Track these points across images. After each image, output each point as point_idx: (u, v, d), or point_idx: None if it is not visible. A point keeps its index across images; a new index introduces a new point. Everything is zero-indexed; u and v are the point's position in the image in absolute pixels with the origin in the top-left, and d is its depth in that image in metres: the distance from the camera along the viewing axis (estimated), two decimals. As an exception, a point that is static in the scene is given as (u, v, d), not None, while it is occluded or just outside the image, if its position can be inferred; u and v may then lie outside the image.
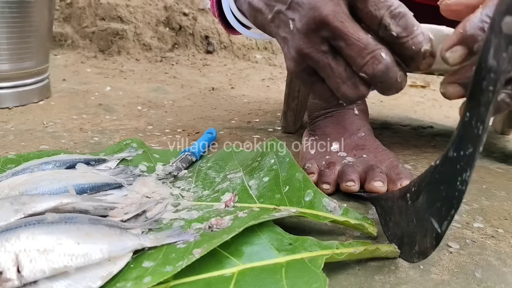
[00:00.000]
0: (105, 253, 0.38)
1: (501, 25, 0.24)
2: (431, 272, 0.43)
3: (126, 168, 0.62)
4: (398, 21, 0.34)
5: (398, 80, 0.36)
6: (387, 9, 0.34)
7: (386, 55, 0.35)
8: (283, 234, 0.44)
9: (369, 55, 0.35)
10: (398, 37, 0.34)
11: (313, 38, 0.37)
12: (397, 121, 1.19)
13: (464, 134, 0.30)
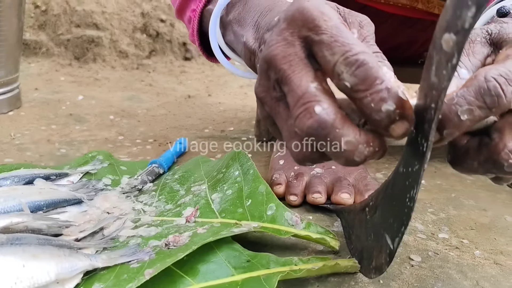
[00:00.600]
0: (52, 276, 0.37)
1: (441, 42, 0.24)
2: (391, 286, 0.42)
3: (88, 182, 0.60)
4: (354, 70, 0.27)
5: (343, 146, 0.27)
6: (342, 54, 0.27)
7: (323, 110, 0.27)
8: (241, 251, 0.43)
9: (302, 107, 0.28)
10: (353, 89, 0.27)
11: (265, 80, 0.32)
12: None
13: (411, 150, 0.29)
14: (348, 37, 0.28)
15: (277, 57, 0.30)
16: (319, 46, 0.28)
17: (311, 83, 0.29)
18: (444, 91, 0.25)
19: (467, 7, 0.21)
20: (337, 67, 0.27)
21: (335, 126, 0.27)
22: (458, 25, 0.22)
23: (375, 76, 0.26)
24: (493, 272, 0.46)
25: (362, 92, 0.27)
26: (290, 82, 0.29)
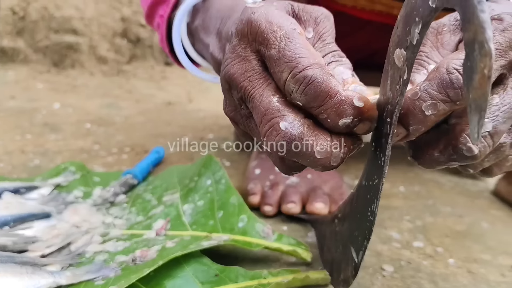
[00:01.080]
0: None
1: (393, 57, 0.24)
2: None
3: (58, 195, 0.59)
4: (303, 89, 0.26)
5: (316, 155, 0.27)
6: (290, 71, 0.26)
7: (288, 124, 0.26)
8: (210, 265, 0.42)
9: (267, 124, 0.27)
10: (307, 107, 0.27)
11: (230, 100, 0.31)
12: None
13: (371, 164, 0.29)
14: (297, 49, 0.26)
15: (236, 76, 0.29)
16: (269, 62, 0.28)
17: (272, 97, 0.28)
18: (398, 106, 0.24)
19: (415, 23, 0.21)
20: (287, 85, 0.27)
21: (304, 138, 0.26)
22: (408, 41, 0.22)
23: (326, 91, 0.25)
24: (464, 281, 0.46)
25: (316, 109, 0.26)
26: (252, 99, 0.29)
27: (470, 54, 0.17)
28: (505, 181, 0.73)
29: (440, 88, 0.25)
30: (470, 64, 0.17)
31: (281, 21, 0.28)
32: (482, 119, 0.17)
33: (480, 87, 0.16)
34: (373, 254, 0.50)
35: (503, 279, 0.47)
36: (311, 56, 0.26)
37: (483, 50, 0.16)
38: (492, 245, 0.55)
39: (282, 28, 0.27)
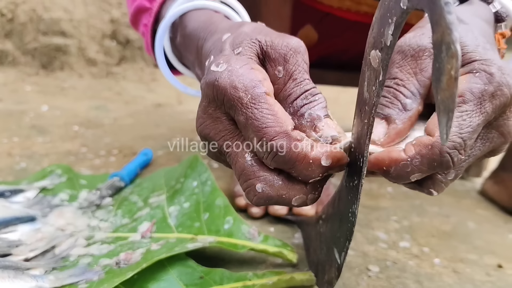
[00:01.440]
0: (-8, 301, 0.35)
1: (369, 58, 0.24)
2: (347, 300, 0.42)
3: (43, 198, 0.58)
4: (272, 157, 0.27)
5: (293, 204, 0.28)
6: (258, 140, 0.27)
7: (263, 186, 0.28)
8: (195, 267, 0.42)
9: (245, 183, 0.29)
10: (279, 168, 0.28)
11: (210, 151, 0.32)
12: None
13: (351, 165, 0.29)
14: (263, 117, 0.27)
15: (210, 135, 0.30)
16: (239, 125, 0.29)
17: (247, 156, 0.29)
18: (375, 107, 0.24)
19: (388, 24, 0.21)
20: (257, 151, 0.28)
21: (280, 195, 0.28)
22: (382, 42, 0.22)
23: (294, 158, 0.26)
24: (450, 281, 0.46)
25: (288, 170, 0.27)
26: (229, 156, 0.30)
27: (438, 56, 0.17)
28: (492, 180, 0.73)
29: (430, 166, 0.26)
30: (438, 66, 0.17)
31: (246, 83, 0.28)
32: (450, 120, 0.17)
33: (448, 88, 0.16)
34: (359, 254, 0.50)
35: (488, 278, 0.48)
36: (277, 124, 0.27)
37: (449, 51, 0.16)
38: (478, 244, 0.56)
39: (247, 93, 0.27)
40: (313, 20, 0.81)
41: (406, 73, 0.30)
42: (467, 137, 0.26)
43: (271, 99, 0.28)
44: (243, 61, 0.29)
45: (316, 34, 0.82)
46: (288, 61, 0.30)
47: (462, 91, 0.27)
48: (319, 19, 0.80)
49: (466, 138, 0.26)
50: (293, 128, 0.28)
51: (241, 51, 0.31)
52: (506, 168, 0.71)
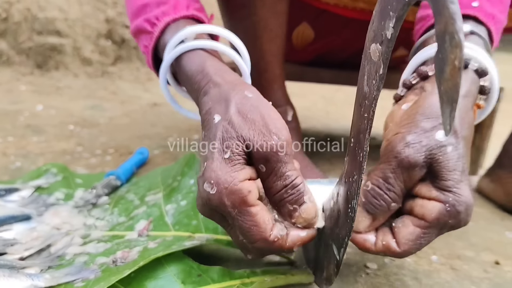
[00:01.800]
0: (-13, 299, 0.35)
1: (369, 52, 0.24)
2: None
3: (38, 197, 0.58)
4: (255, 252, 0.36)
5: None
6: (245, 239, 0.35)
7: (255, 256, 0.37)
8: (192, 265, 0.41)
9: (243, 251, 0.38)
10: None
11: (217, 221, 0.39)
12: (341, 133, 1.19)
13: (350, 161, 0.29)
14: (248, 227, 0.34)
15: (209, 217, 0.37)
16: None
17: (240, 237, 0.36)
18: (375, 101, 0.24)
19: (389, 17, 0.21)
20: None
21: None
22: (383, 35, 0.22)
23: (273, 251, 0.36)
24: (448, 278, 0.46)
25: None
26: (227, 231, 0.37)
27: (441, 46, 0.17)
28: (488, 178, 0.74)
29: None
30: (441, 56, 0.17)
31: (234, 201, 0.33)
32: (453, 110, 0.17)
33: (451, 78, 0.16)
34: (357, 252, 0.50)
35: (486, 275, 0.48)
36: (257, 232, 0.34)
37: (453, 41, 0.16)
38: (475, 241, 0.56)
39: (235, 208, 0.34)
40: (309, 17, 0.81)
41: (398, 181, 0.34)
42: (421, 248, 0.34)
43: (255, 209, 0.34)
44: (230, 176, 0.34)
45: (312, 31, 0.82)
46: (270, 160, 0.34)
47: (432, 219, 0.33)
48: (315, 16, 0.80)
49: (420, 248, 0.34)
50: (272, 228, 0.34)
51: (229, 156, 0.35)
52: (502, 165, 0.72)
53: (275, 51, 0.65)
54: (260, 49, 0.64)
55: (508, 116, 0.89)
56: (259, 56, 0.64)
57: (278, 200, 0.36)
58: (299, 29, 0.82)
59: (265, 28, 0.62)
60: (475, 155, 0.83)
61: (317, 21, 0.81)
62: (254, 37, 0.63)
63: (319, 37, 0.83)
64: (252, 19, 0.61)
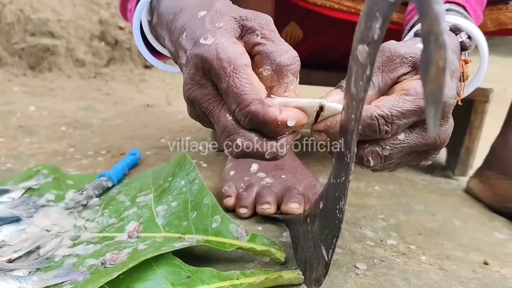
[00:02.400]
0: (-26, 302, 0.34)
1: (356, 53, 0.24)
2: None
3: (28, 198, 0.57)
4: (249, 120, 0.33)
5: (267, 157, 0.34)
6: (237, 105, 0.33)
7: (243, 141, 0.34)
8: (182, 267, 0.41)
9: (227, 139, 0.35)
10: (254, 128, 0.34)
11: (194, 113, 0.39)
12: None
13: (338, 161, 0.29)
14: (242, 85, 0.33)
15: (197, 98, 0.36)
16: (221, 92, 0.34)
17: (228, 117, 0.34)
18: (362, 102, 0.24)
19: (376, 18, 0.21)
20: (236, 114, 0.33)
21: (256, 149, 0.34)
22: (369, 36, 0.22)
23: (266, 121, 0.32)
24: (437, 278, 0.47)
25: (261, 129, 0.34)
26: (212, 117, 0.36)
27: (426, 46, 0.17)
28: (477, 179, 0.74)
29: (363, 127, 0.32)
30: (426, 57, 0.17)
31: (230, 55, 0.33)
32: (438, 111, 0.17)
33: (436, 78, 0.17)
34: (346, 253, 0.51)
35: (474, 275, 0.48)
36: (253, 92, 0.33)
37: (438, 42, 0.16)
38: (464, 242, 0.56)
39: (231, 63, 0.33)
40: (296, 17, 0.81)
41: (375, 67, 0.35)
42: (395, 114, 0.32)
43: (249, 70, 0.34)
44: (227, 35, 0.35)
45: (300, 31, 0.82)
46: (264, 27, 0.36)
47: (408, 87, 0.33)
48: (302, 16, 0.80)
49: (394, 114, 0.32)
50: (266, 96, 0.33)
51: (222, 26, 0.36)
52: (490, 166, 0.72)
53: None
54: None
55: (497, 117, 0.90)
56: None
57: (283, 66, 0.35)
58: (287, 29, 0.82)
59: None
60: (464, 156, 0.84)
61: (304, 20, 0.81)
62: None
63: (308, 36, 0.83)
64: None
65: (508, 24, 0.63)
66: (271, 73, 0.35)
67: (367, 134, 0.32)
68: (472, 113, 0.82)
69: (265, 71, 0.36)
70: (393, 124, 0.32)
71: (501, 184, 0.69)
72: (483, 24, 0.64)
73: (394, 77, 0.35)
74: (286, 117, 0.33)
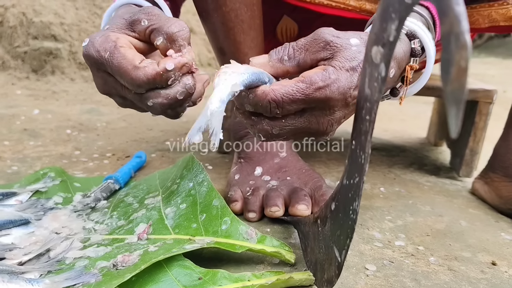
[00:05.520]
0: (-13, 304, 0.35)
1: (371, 55, 0.24)
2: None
3: (36, 201, 0.57)
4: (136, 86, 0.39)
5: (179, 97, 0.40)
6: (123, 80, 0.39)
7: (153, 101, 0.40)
8: (193, 268, 0.42)
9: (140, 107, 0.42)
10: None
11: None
12: (340, 133, 1.19)
13: (352, 162, 0.29)
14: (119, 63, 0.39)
15: (107, 91, 0.44)
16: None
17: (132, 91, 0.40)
18: (377, 103, 0.25)
19: (391, 20, 0.21)
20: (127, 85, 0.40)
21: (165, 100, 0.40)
22: (384, 37, 0.22)
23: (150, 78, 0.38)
24: (446, 279, 0.47)
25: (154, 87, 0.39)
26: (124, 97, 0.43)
27: (446, 47, 0.17)
28: (481, 180, 0.74)
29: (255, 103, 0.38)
30: (446, 57, 0.17)
31: (104, 45, 0.40)
32: (460, 111, 0.17)
33: (457, 79, 0.17)
34: (356, 254, 0.51)
35: (483, 275, 0.48)
36: (128, 63, 0.38)
37: (459, 42, 0.16)
38: (471, 242, 0.56)
39: (106, 50, 0.39)
40: (287, 10, 0.80)
41: (301, 45, 0.39)
42: (286, 101, 0.36)
43: (123, 48, 0.39)
44: (101, 33, 0.41)
45: (295, 24, 0.82)
46: (149, 13, 0.42)
47: (306, 75, 0.37)
48: (293, 8, 0.80)
49: (285, 100, 0.36)
50: (142, 60, 0.39)
51: (108, 27, 0.43)
52: (494, 169, 0.72)
53: (250, 43, 0.65)
54: (233, 40, 0.64)
55: (497, 118, 0.90)
56: (235, 48, 0.65)
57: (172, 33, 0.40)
58: (281, 24, 0.82)
59: (236, 18, 0.63)
60: (469, 157, 0.84)
61: (296, 12, 0.81)
62: (227, 28, 0.63)
63: (303, 27, 0.83)
64: (222, 10, 0.62)
65: (500, 21, 0.63)
66: (165, 42, 0.41)
67: (259, 110, 0.38)
68: (477, 114, 0.82)
69: (158, 41, 0.41)
70: (283, 109, 0.36)
71: (506, 186, 0.69)
72: (475, 21, 0.65)
73: (314, 58, 0.39)
74: (164, 64, 0.38)
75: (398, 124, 1.45)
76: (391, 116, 1.60)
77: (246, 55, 0.65)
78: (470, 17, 0.65)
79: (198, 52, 2.12)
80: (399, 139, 1.20)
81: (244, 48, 0.65)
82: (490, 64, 3.59)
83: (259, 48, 0.67)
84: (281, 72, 0.40)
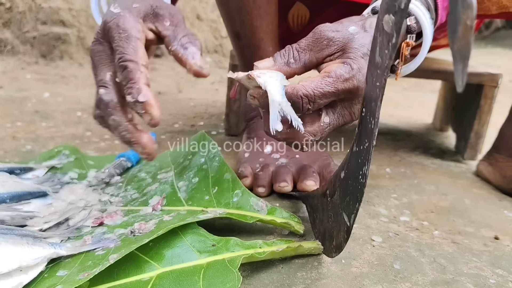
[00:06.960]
0: (14, 263, 0.36)
1: (382, 23, 0.25)
2: (352, 265, 0.44)
3: (53, 175, 0.59)
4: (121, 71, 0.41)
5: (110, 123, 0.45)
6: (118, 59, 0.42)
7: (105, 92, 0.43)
8: (207, 236, 0.43)
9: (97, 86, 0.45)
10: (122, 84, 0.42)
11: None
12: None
13: (362, 129, 0.31)
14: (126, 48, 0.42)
15: (93, 51, 0.45)
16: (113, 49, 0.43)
17: (108, 73, 0.44)
18: (387, 69, 0.26)
19: (403, -12, 0.23)
20: (115, 66, 0.42)
21: (109, 106, 0.43)
22: (396, 6, 0.24)
23: (131, 77, 0.41)
24: (450, 250, 0.48)
25: (124, 86, 0.42)
26: (95, 70, 0.45)
27: (453, 9, 0.18)
28: (486, 162, 0.76)
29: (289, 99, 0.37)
30: (453, 18, 0.18)
31: (128, 26, 0.43)
32: (466, 67, 0.19)
33: (464, 37, 0.18)
34: (362, 227, 0.52)
35: (486, 248, 0.50)
36: (133, 54, 0.42)
37: (465, 3, 0.18)
38: (475, 219, 0.58)
39: (126, 31, 0.42)
40: None
41: (305, 46, 0.41)
42: (317, 94, 0.36)
43: (140, 43, 0.43)
44: (135, 13, 0.44)
45: (307, 10, 0.83)
46: (173, 16, 0.46)
47: (330, 70, 0.38)
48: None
49: (316, 94, 0.36)
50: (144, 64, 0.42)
51: (137, 6, 0.45)
52: (499, 150, 0.74)
53: (265, 28, 0.67)
54: (250, 25, 0.66)
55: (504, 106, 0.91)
56: (251, 33, 0.66)
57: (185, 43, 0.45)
58: (293, 10, 0.83)
59: (253, 3, 0.64)
60: (474, 141, 0.85)
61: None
62: (245, 13, 0.65)
63: (314, 14, 0.84)
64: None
65: (510, 7, 0.64)
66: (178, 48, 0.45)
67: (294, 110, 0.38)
68: (482, 98, 0.83)
69: (173, 47, 0.45)
70: (315, 103, 0.37)
71: (510, 166, 0.70)
72: (486, 7, 0.65)
73: (319, 56, 0.40)
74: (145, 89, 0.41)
75: (404, 110, 1.46)
76: (397, 103, 1.61)
77: (261, 40, 0.67)
78: (479, 3, 0.65)
79: (204, 38, 2.13)
80: (405, 124, 1.21)
81: (260, 33, 0.66)
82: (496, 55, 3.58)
83: (274, 33, 0.68)
84: (289, 75, 0.41)
